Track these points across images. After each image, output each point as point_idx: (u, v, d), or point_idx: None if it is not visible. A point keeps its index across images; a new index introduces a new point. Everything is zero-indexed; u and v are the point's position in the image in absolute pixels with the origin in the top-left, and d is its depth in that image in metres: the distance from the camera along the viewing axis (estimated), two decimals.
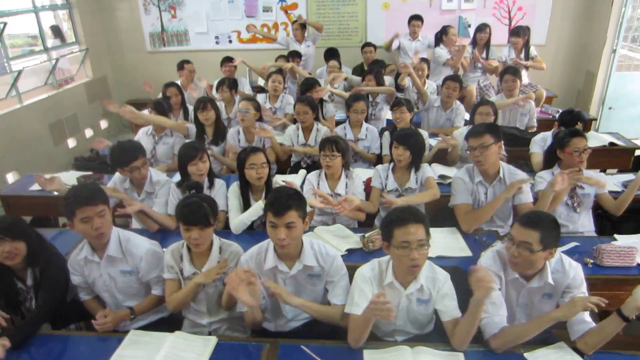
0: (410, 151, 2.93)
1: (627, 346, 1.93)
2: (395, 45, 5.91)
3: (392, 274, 2.01)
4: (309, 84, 4.40)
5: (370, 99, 4.54)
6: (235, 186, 2.91)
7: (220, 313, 2.26)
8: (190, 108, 4.62)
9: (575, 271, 2.03)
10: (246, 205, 2.86)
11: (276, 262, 2.10)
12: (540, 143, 3.56)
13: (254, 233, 2.84)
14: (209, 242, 2.18)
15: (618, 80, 5.94)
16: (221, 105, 4.49)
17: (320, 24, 6.02)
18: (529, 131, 4.22)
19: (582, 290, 2.01)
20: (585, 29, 6.26)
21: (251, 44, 6.83)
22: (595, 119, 6.00)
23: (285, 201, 1.96)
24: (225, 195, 2.91)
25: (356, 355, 1.90)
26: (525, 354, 1.89)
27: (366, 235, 2.62)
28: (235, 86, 4.77)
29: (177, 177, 3.40)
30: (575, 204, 2.87)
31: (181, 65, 5.27)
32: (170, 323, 2.31)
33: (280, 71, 4.79)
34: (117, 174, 2.98)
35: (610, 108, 5.99)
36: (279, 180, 2.99)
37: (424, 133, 3.89)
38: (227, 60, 5.33)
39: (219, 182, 2.95)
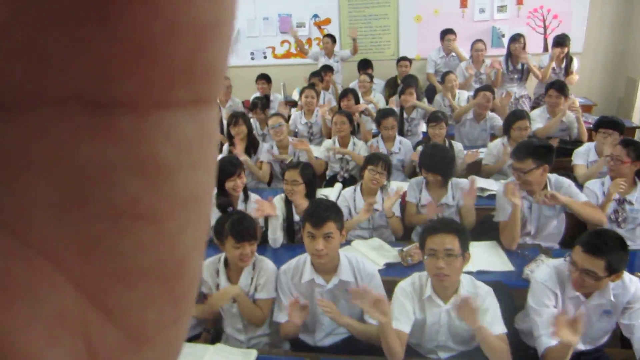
0: (439, 173, 2.91)
1: None
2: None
3: (431, 287, 2.01)
4: (344, 93, 4.46)
5: (406, 115, 4.54)
6: (279, 200, 2.95)
7: (257, 329, 2.28)
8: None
9: (636, 286, 1.98)
10: (288, 220, 2.90)
11: (313, 275, 2.14)
12: (583, 155, 3.48)
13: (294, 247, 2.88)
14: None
15: None
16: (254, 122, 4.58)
17: (357, 46, 6.05)
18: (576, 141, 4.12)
19: None
20: (625, 35, 6.08)
21: (285, 59, 6.96)
22: (639, 127, 5.79)
23: (324, 212, 2.02)
24: None
25: None
26: None
27: (405, 249, 2.62)
28: (267, 106, 4.90)
29: None
30: (619, 219, 2.78)
31: None
32: (214, 336, 2.37)
33: (312, 86, 4.86)
34: None
35: None
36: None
37: (458, 145, 3.89)
38: (262, 77, 5.44)
39: (253, 197, 3.00)
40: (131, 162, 0.13)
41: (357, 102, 4.50)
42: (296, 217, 2.90)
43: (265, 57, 7.01)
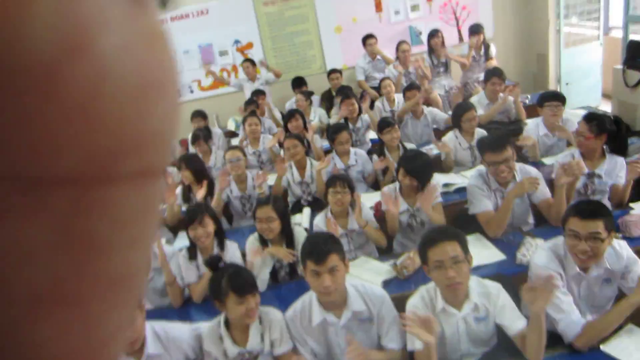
0: (417, 177, 2.90)
1: None
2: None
3: (442, 299, 1.97)
4: (290, 115, 4.40)
5: (351, 125, 4.55)
6: (252, 241, 2.81)
7: None
8: (168, 169, 4.53)
9: (626, 250, 2.06)
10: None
11: (324, 315, 2.02)
12: (534, 131, 3.65)
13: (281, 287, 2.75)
14: None
15: (568, 57, 6.21)
16: None
17: (279, 70, 6.02)
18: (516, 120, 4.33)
19: None
20: (528, 15, 6.55)
21: (213, 90, 6.77)
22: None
23: (325, 246, 1.92)
24: (240, 258, 2.77)
25: None
26: (602, 347, 1.88)
27: (398, 262, 2.59)
28: (210, 137, 4.72)
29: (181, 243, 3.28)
30: (589, 192, 2.90)
31: None
32: None
33: (254, 113, 4.75)
34: None
35: (567, 84, 6.24)
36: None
37: (410, 145, 3.95)
38: (197, 115, 5.24)
39: (232, 246, 2.79)
40: (61, 240, 0.12)
41: (304, 121, 4.45)
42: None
43: (192, 92, 6.78)
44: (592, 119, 2.85)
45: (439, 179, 3.43)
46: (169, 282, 2.63)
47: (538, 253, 2.15)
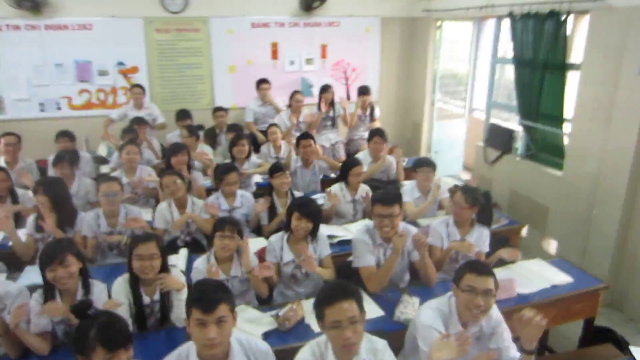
0: (313, 221, 2.89)
1: None
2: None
3: (333, 355, 1.91)
4: (176, 148, 4.12)
5: (237, 165, 4.41)
6: (121, 282, 2.48)
7: None
8: (21, 192, 3.91)
9: (496, 312, 2.20)
10: (137, 304, 2.45)
11: None
12: (409, 193, 3.87)
13: None
14: None
15: (439, 128, 6.92)
16: None
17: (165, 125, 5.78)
18: (394, 180, 4.58)
19: (505, 327, 2.19)
20: (408, 86, 7.20)
21: (85, 110, 6.15)
22: None
23: (215, 294, 1.76)
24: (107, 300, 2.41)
25: None
26: None
27: (280, 314, 2.47)
28: (76, 160, 4.21)
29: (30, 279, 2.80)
30: (459, 258, 3.10)
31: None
32: None
33: (134, 141, 4.38)
34: None
35: (435, 152, 6.90)
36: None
37: (298, 194, 3.94)
38: (64, 135, 4.66)
39: (98, 287, 2.43)
40: None
41: (189, 157, 4.20)
42: (146, 300, 2.48)
43: (59, 109, 6.09)
44: (468, 190, 3.09)
45: (323, 231, 3.43)
46: (2, 332, 2.16)
47: (424, 312, 2.20)
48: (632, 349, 2.53)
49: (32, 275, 2.87)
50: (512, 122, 5.52)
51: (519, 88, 4.81)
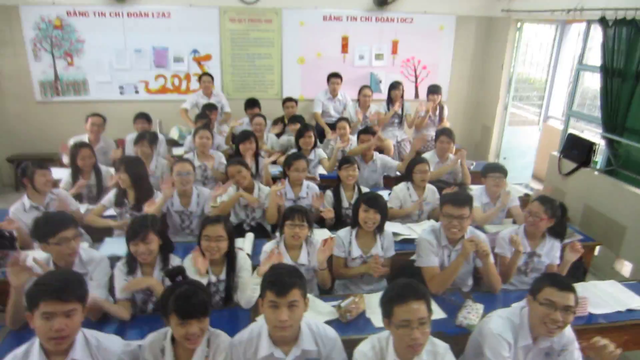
0: (381, 214, 2.88)
1: None
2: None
3: (394, 352, 1.89)
4: (244, 136, 4.22)
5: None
6: (193, 258, 2.57)
7: None
8: (104, 169, 4.15)
9: (569, 330, 2.10)
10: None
11: (271, 349, 1.89)
12: (477, 198, 3.74)
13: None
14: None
15: (510, 134, 6.65)
16: None
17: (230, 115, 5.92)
18: (461, 184, 4.45)
19: (576, 346, 2.09)
20: (480, 88, 6.98)
21: (160, 94, 6.44)
22: None
23: (289, 279, 1.81)
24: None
25: None
26: None
27: (342, 305, 2.48)
28: (155, 141, 4.43)
29: (109, 250, 2.97)
30: (528, 270, 2.99)
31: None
32: None
33: (207, 126, 4.54)
34: (34, 254, 2.48)
35: (504, 158, 6.65)
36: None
37: (364, 189, 3.92)
38: (141, 117, 4.90)
39: (175, 262, 2.55)
40: None
41: (257, 145, 4.30)
42: (212, 278, 2.57)
43: (137, 92, 6.41)
44: (547, 201, 2.95)
45: (388, 228, 3.41)
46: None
47: (494, 320, 2.13)
48: None
49: (111, 246, 3.08)
50: (590, 134, 5.23)
51: (605, 98, 4.51)
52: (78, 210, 3.49)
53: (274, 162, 4.39)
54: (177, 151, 5.29)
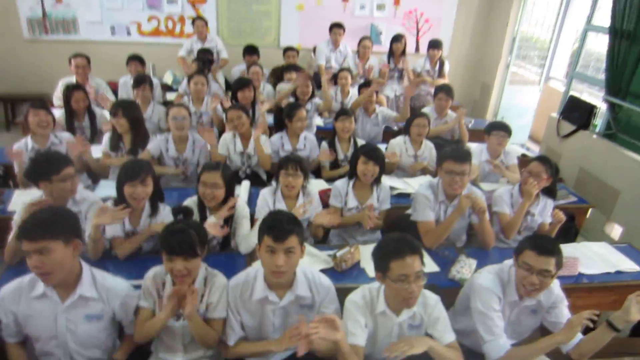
0: (379, 166, 2.86)
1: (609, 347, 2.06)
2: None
3: (385, 302, 1.92)
4: (242, 83, 4.11)
5: None
6: (190, 204, 2.56)
7: (197, 350, 1.99)
8: (98, 110, 4.04)
9: (557, 288, 2.12)
10: None
11: (266, 292, 1.92)
12: (477, 155, 3.72)
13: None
14: (195, 275, 1.92)
15: (510, 93, 6.56)
16: None
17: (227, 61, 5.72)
18: (458, 141, 4.42)
19: (565, 304, 2.12)
20: (482, 45, 6.81)
21: (153, 37, 6.22)
22: None
23: (287, 225, 1.80)
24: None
25: None
26: None
27: (338, 254, 2.49)
28: (152, 86, 4.30)
29: (104, 192, 2.93)
30: (521, 229, 2.99)
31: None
32: None
33: (201, 72, 4.40)
34: (27, 198, 2.39)
35: (502, 117, 6.58)
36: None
37: (361, 141, 3.87)
38: (135, 59, 4.74)
39: (164, 209, 2.53)
40: None
41: (255, 93, 4.19)
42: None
43: (129, 34, 6.18)
44: (547, 161, 2.94)
45: (385, 181, 3.39)
46: (96, 238, 2.29)
47: (484, 275, 2.15)
48: None
49: (105, 189, 3.03)
50: (591, 97, 5.16)
51: (611, 61, 4.41)
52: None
53: (269, 111, 4.30)
54: (170, 96, 5.16)
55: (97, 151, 3.42)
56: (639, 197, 4.06)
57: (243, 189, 3.17)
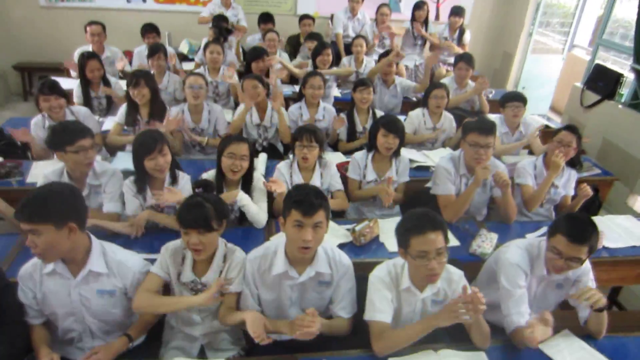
0: (400, 139, 2.81)
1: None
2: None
3: (409, 278, 1.91)
4: (257, 53, 4.04)
5: None
6: (207, 178, 2.55)
7: (215, 323, 2.00)
8: (113, 80, 4.02)
9: (586, 262, 2.09)
10: None
11: (286, 267, 1.90)
12: (497, 127, 3.62)
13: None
14: (212, 249, 1.91)
15: (532, 62, 6.37)
16: None
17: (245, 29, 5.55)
18: (479, 112, 4.33)
19: (591, 277, 2.09)
20: (505, 13, 6.58)
21: (169, 4, 6.12)
22: None
23: (315, 199, 1.77)
24: (191, 192, 2.48)
25: None
26: (540, 346, 1.92)
27: (357, 228, 2.49)
28: (166, 55, 4.25)
29: (121, 164, 2.94)
30: (544, 201, 2.94)
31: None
32: (149, 350, 2.00)
33: (218, 40, 4.33)
34: (48, 170, 2.44)
35: (523, 88, 6.42)
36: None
37: (380, 113, 3.81)
38: (151, 30, 4.66)
39: (183, 178, 2.51)
40: None
41: (267, 63, 4.12)
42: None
43: (144, 1, 6.09)
44: (576, 131, 2.86)
45: (404, 154, 3.35)
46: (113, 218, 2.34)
47: (513, 249, 2.12)
48: None
49: (122, 160, 3.01)
50: (618, 66, 4.97)
51: None
52: (99, 133, 3.38)
53: (283, 82, 4.24)
54: (187, 66, 5.11)
55: (110, 123, 3.42)
56: None
57: (260, 162, 3.16)
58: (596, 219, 2.83)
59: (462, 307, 1.71)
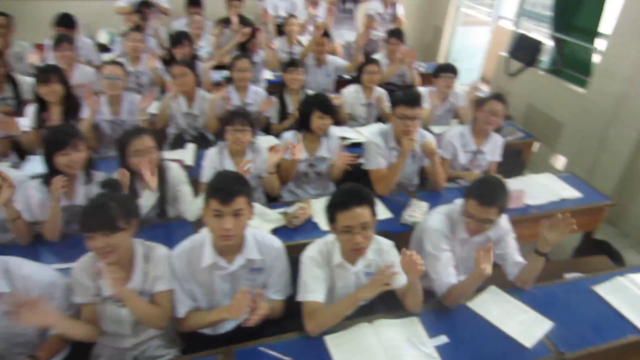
0: (333, 118, 2.80)
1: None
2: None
3: (340, 253, 1.92)
4: (178, 39, 3.88)
5: None
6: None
7: (147, 331, 1.89)
8: (21, 79, 3.67)
9: (504, 220, 2.18)
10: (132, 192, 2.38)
11: (215, 259, 1.84)
12: (426, 98, 3.70)
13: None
14: (124, 252, 1.76)
15: (461, 35, 6.52)
16: None
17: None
18: (410, 85, 4.39)
19: (512, 235, 2.19)
20: None
21: None
22: None
23: (233, 185, 1.71)
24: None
25: (318, 344, 1.80)
26: (469, 305, 2.03)
27: (289, 211, 2.47)
28: (74, 44, 3.94)
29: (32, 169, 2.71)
30: (472, 167, 3.04)
31: None
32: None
33: (139, 27, 4.11)
34: None
35: (454, 60, 6.56)
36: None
37: (309, 92, 3.77)
38: (62, 23, 4.30)
39: (99, 176, 2.35)
40: None
41: (193, 48, 3.97)
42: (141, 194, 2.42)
43: None
44: (503, 99, 2.95)
45: (335, 132, 3.34)
46: (12, 218, 2.13)
47: (434, 216, 2.18)
48: None
49: (34, 165, 2.75)
50: (540, 35, 5.17)
51: None
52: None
53: (216, 67, 4.11)
54: (106, 57, 4.83)
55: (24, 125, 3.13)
56: (580, 128, 4.20)
57: (188, 152, 3.05)
58: (518, 179, 3.02)
59: (389, 274, 1.74)
